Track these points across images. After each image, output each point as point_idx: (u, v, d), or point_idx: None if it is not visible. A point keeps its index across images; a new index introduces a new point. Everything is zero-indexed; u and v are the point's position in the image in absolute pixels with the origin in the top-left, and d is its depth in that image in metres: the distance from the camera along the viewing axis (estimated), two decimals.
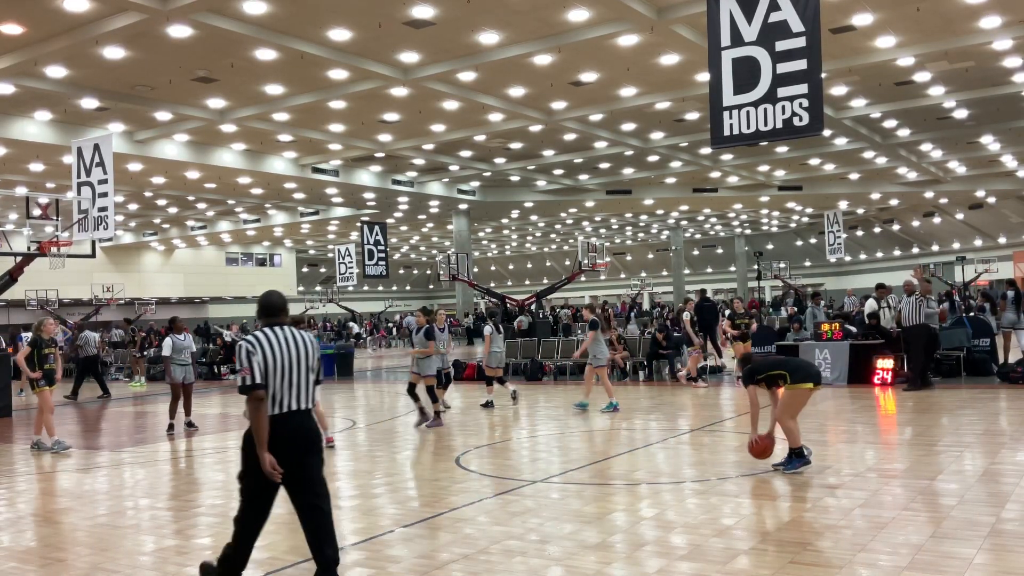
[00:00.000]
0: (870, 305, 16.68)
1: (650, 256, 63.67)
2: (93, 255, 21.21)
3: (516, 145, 25.16)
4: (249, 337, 4.89)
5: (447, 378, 14.20)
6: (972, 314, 18.52)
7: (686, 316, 17.84)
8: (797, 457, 8.00)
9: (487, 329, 14.76)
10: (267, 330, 4.90)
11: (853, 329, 16.60)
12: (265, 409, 4.75)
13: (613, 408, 13.17)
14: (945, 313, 16.06)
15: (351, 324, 47.02)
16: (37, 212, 17.69)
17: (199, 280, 49.55)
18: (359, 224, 31.59)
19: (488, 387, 14.65)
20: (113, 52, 15.06)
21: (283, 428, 4.81)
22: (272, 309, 4.99)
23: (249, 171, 25.35)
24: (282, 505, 7.72)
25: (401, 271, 67.96)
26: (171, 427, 12.91)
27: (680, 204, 37.56)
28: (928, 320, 15.32)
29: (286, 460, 4.80)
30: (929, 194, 37.90)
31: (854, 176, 33.16)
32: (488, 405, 14.41)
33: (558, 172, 30.58)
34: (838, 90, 19.77)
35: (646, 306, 47.04)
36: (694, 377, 16.94)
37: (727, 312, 18.62)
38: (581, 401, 13.61)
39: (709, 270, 63.68)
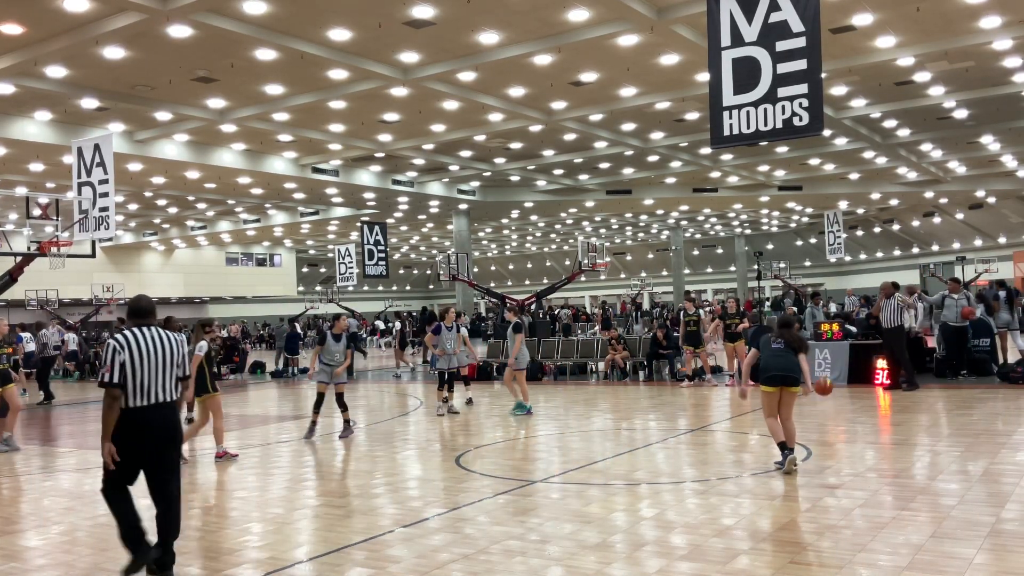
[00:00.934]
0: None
1: (650, 256, 63.60)
2: (93, 255, 21.18)
3: (516, 145, 25.13)
4: (118, 336, 5.42)
5: (450, 379, 14.12)
6: None
7: (703, 314, 17.81)
8: (780, 452, 8.06)
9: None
10: (135, 330, 5.50)
11: (853, 329, 16.60)
12: (117, 405, 5.32)
13: (527, 412, 13.32)
14: (972, 311, 15.81)
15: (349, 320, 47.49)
16: (37, 212, 17.68)
17: (199, 280, 49.54)
18: (359, 224, 31.53)
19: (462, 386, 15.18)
20: (113, 52, 15.05)
21: (149, 417, 5.40)
22: (141, 312, 5.64)
23: (249, 171, 25.32)
24: (281, 505, 7.75)
25: (401, 271, 67.92)
26: None
27: (680, 204, 37.51)
28: (947, 319, 15.36)
29: (149, 445, 5.41)
30: (929, 194, 37.86)
31: (854, 176, 33.12)
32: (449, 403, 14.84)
33: (558, 172, 30.54)
34: (838, 90, 19.75)
35: (646, 306, 46.97)
36: (690, 376, 16.98)
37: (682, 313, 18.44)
38: (520, 405, 13.48)
39: (709, 270, 63.64)
